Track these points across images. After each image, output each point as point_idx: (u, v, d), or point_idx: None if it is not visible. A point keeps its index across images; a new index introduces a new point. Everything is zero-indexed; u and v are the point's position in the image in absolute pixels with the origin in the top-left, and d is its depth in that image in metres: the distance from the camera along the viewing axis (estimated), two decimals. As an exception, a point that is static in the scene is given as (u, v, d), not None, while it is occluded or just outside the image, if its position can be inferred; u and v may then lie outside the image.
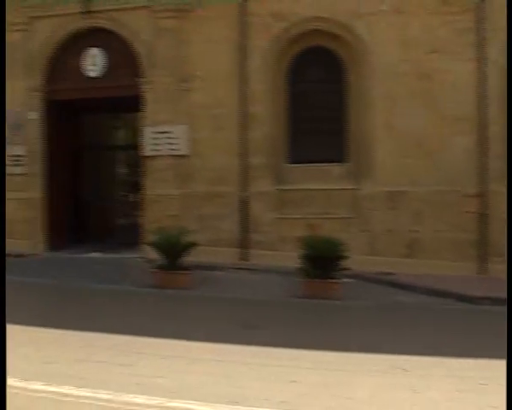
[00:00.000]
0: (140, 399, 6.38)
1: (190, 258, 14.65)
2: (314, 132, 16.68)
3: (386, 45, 15.93)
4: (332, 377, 7.51)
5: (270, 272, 15.65)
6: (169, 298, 13.10)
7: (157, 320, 10.71)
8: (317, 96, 16.79)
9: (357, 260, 14.45)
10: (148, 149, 17.23)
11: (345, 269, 13.49)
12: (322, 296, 12.94)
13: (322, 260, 13.23)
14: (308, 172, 16.57)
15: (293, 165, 16.80)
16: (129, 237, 20.20)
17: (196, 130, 16.96)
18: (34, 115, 18.20)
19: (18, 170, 18.13)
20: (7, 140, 18.06)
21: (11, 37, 18.12)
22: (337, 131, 16.69)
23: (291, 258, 14.79)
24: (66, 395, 6.48)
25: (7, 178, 17.98)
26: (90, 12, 17.61)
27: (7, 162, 17.99)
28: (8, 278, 14.90)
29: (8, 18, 18.03)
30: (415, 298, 13.51)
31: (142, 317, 11.03)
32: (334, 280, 13.39)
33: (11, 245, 17.62)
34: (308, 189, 16.43)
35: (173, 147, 16.92)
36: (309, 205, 16.39)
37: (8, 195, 17.90)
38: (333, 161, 16.58)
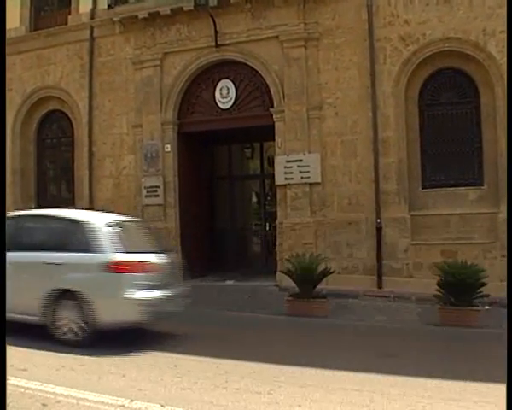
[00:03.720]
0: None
1: (324, 285, 14.65)
2: (448, 156, 16.27)
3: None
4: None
5: (405, 299, 15.34)
6: (304, 326, 13.06)
7: (293, 348, 10.66)
8: (450, 118, 16.34)
9: (495, 287, 13.92)
10: (280, 178, 17.29)
11: (484, 296, 13.05)
12: (460, 324, 12.55)
13: (461, 287, 12.84)
14: (443, 196, 16.19)
15: (427, 190, 16.46)
16: (263, 266, 20.36)
17: (329, 157, 16.95)
18: (168, 147, 18.70)
19: (154, 200, 18.65)
20: (144, 173, 18.66)
21: (146, 72, 18.85)
22: (471, 154, 16.23)
23: (426, 285, 14.57)
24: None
25: (145, 208, 18.59)
26: (220, 45, 18.00)
27: (145, 193, 18.57)
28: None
29: (143, 55, 18.79)
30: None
31: (278, 345, 11.04)
32: (472, 307, 13.00)
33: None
34: (443, 214, 16.04)
35: (306, 175, 16.92)
36: (444, 230, 15.98)
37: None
38: (468, 185, 16.12)
